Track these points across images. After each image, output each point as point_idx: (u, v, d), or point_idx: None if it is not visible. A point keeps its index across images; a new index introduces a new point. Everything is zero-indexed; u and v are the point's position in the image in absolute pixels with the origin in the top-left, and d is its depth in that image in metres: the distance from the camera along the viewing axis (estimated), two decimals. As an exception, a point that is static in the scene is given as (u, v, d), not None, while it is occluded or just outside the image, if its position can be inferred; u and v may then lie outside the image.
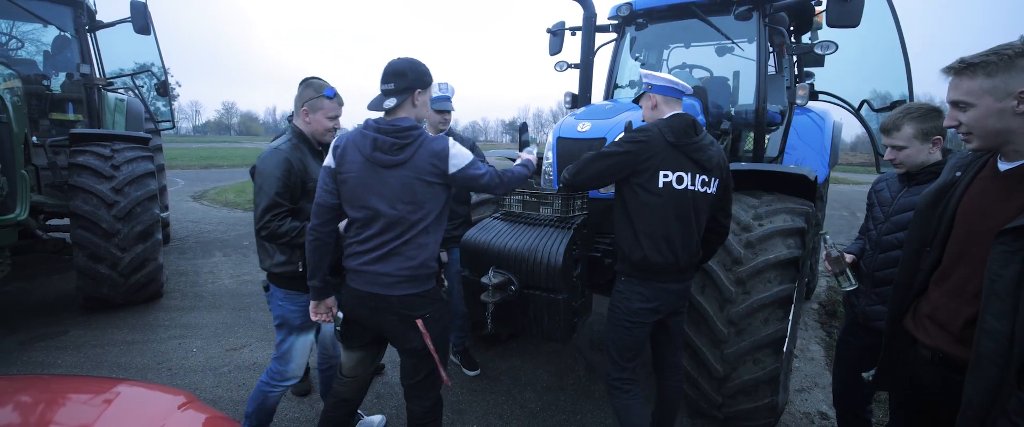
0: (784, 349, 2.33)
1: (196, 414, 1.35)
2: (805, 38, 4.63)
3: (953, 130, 1.48)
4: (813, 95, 4.56)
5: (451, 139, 1.91)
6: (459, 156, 1.87)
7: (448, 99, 3.01)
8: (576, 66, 4.24)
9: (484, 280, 2.26)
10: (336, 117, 2.23)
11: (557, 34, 4.56)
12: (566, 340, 2.35)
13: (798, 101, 3.69)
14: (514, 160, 3.30)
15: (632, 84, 4.69)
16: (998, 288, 1.18)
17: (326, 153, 2.07)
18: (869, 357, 1.89)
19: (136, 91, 6.36)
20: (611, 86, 4.67)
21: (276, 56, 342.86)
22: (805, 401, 3.07)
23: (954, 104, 1.36)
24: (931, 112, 1.87)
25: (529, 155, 2.30)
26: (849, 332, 2.14)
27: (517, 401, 2.96)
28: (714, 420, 2.72)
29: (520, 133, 3.14)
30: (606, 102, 4.01)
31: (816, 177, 2.69)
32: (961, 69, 1.32)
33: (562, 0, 3.77)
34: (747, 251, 2.36)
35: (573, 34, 4.43)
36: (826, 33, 4.07)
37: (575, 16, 4.30)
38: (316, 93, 2.16)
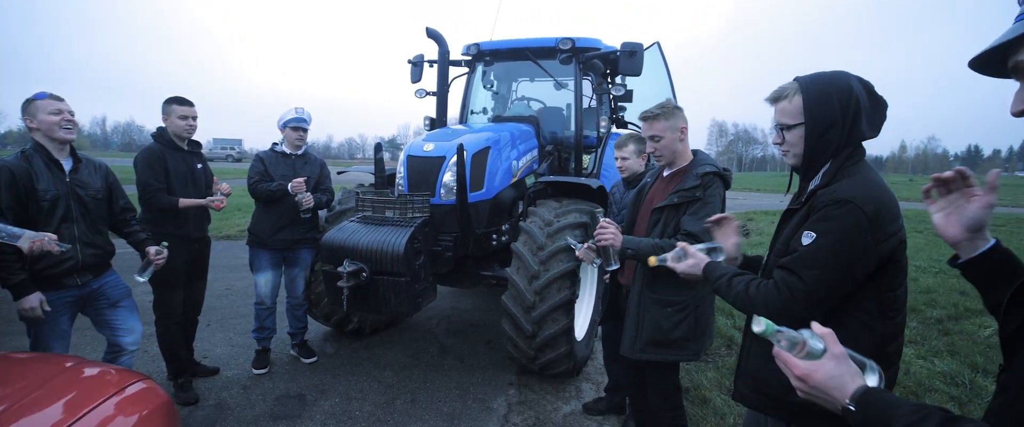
0: (573, 309, 3.16)
1: (147, 395, 1.52)
2: (618, 80, 5.83)
3: (651, 153, 2.40)
4: (623, 124, 5.75)
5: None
6: None
7: (301, 119, 3.49)
8: (434, 94, 4.91)
9: (340, 270, 2.76)
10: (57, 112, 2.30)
11: (417, 65, 5.14)
12: (410, 314, 2.94)
13: (602, 129, 4.79)
14: (373, 173, 3.82)
15: (484, 110, 5.46)
16: (647, 234, 2.09)
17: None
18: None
19: None
20: (466, 112, 5.41)
21: (116, 63, 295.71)
22: (606, 358, 3.99)
23: (651, 138, 2.25)
24: (643, 139, 2.88)
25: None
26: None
27: (376, 378, 3.44)
28: (533, 375, 3.48)
29: (375, 152, 3.65)
30: (456, 126, 4.72)
31: (601, 186, 3.63)
32: (654, 116, 2.22)
33: (421, 35, 4.42)
34: (547, 240, 3.16)
35: (431, 66, 5.05)
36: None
37: (433, 50, 5.03)
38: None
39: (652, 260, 1.72)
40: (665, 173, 2.29)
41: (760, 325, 0.90)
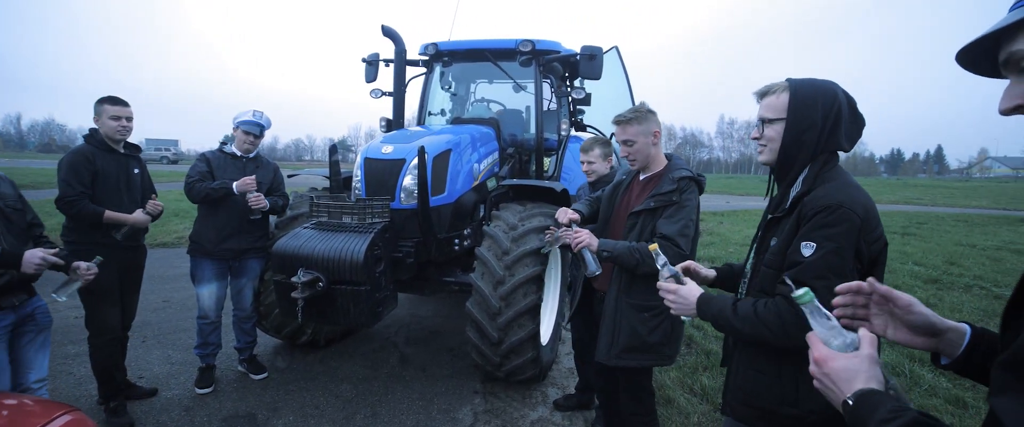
0: (539, 314, 3.11)
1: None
2: (578, 83, 5.86)
3: (625, 157, 2.37)
4: (582, 127, 5.78)
5: None
6: None
7: (255, 124, 3.28)
8: (391, 94, 4.75)
9: (294, 279, 2.58)
10: None
11: (372, 64, 4.95)
12: (370, 325, 2.79)
13: (562, 132, 4.79)
14: (327, 177, 3.63)
15: (443, 111, 5.34)
16: (623, 238, 2.06)
17: None
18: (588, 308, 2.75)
19: None
20: (424, 113, 5.27)
21: (30, 55, 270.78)
22: (570, 359, 3.97)
23: (625, 142, 2.23)
24: (608, 142, 2.88)
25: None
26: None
27: (333, 393, 3.26)
28: (499, 382, 3.40)
29: (330, 154, 3.48)
30: (415, 127, 4.58)
31: (564, 189, 3.62)
32: (627, 120, 2.20)
33: (376, 32, 4.25)
34: (512, 244, 3.10)
35: (387, 65, 4.88)
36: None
37: (389, 49, 4.85)
38: None
39: (653, 246, 1.59)
40: (641, 177, 2.29)
41: (800, 289, 0.89)
